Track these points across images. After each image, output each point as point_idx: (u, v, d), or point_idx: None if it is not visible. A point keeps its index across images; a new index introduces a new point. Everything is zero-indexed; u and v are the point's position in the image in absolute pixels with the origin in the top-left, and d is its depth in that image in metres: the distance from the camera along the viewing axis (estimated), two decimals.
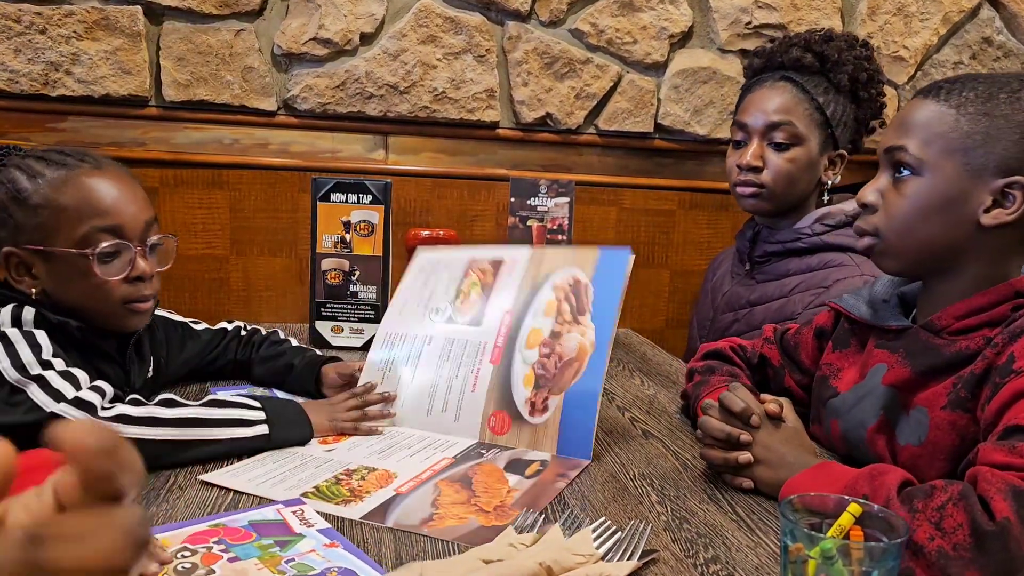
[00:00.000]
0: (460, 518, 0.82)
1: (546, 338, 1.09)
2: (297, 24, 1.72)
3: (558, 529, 0.76)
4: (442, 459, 0.99)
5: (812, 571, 0.60)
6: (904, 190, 0.92)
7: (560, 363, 1.06)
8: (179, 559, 0.70)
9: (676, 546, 0.78)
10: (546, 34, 1.83)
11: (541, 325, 1.10)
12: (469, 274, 1.21)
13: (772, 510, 0.87)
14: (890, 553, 0.61)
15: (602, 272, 1.11)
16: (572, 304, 1.10)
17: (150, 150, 1.71)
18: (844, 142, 1.51)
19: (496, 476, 0.94)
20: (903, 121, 0.93)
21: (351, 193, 1.53)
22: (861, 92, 1.50)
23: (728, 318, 1.54)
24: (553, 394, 1.04)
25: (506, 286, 1.16)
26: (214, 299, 1.77)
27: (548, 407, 1.04)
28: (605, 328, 1.07)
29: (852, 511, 0.64)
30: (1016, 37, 2.04)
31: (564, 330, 1.08)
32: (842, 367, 1.06)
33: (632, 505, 0.87)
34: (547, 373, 1.06)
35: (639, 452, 1.05)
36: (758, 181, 1.47)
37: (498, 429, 1.06)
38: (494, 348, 1.11)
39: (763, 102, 1.48)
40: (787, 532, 0.63)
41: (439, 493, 0.88)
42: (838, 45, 1.48)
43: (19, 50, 1.61)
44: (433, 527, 0.79)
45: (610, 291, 1.09)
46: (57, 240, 1.00)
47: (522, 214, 1.63)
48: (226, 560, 0.70)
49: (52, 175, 1.01)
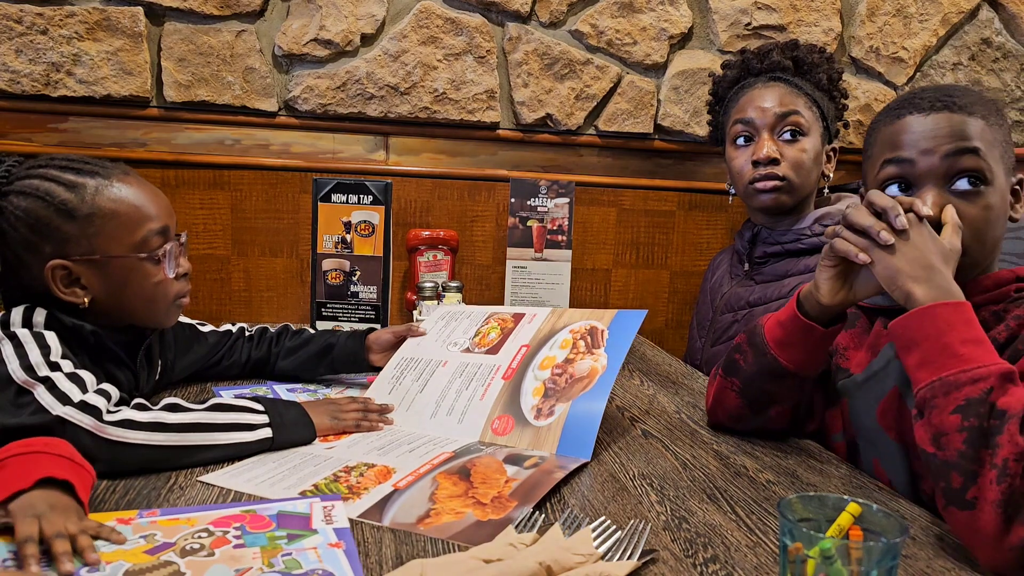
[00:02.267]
0: (456, 512, 0.82)
1: (559, 362, 1.13)
2: (298, 25, 1.72)
3: (558, 528, 0.76)
4: (440, 454, 0.99)
5: (811, 571, 0.60)
6: (981, 201, 0.91)
7: (571, 380, 1.09)
8: (194, 538, 0.72)
9: (675, 546, 0.78)
10: (546, 35, 1.83)
11: (556, 354, 1.14)
12: (490, 321, 1.27)
13: (771, 510, 0.87)
14: (889, 552, 0.61)
15: (618, 323, 1.16)
16: (587, 342, 1.14)
17: (151, 151, 1.71)
18: (834, 138, 1.55)
19: (494, 467, 0.95)
20: (951, 132, 0.92)
21: (352, 194, 1.53)
22: (834, 92, 1.55)
23: (727, 319, 1.55)
24: (560, 403, 1.06)
25: (525, 330, 1.22)
26: (215, 300, 1.77)
27: (554, 412, 1.05)
28: (617, 356, 1.10)
29: (851, 511, 0.64)
30: (1015, 38, 2.04)
31: (577, 358, 1.12)
32: (849, 347, 1.07)
33: (631, 505, 0.88)
34: (556, 387, 1.09)
35: (639, 452, 1.05)
36: (779, 173, 1.45)
37: (501, 431, 1.06)
38: (508, 369, 1.15)
39: (764, 98, 1.49)
40: (786, 532, 0.63)
41: (436, 487, 0.88)
42: (805, 50, 1.54)
43: (20, 51, 1.61)
44: (429, 524, 0.79)
45: (624, 332, 1.14)
46: (113, 247, 1.01)
47: (522, 215, 1.64)
48: (231, 547, 0.71)
49: (93, 184, 1.01)
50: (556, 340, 1.17)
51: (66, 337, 0.98)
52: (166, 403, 0.95)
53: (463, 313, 1.33)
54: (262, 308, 1.79)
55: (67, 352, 0.96)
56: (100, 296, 1.01)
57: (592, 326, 1.16)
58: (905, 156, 0.94)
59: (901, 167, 0.94)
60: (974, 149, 0.91)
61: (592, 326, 1.16)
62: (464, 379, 1.16)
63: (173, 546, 0.71)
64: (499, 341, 1.21)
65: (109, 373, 1.04)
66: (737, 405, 1.08)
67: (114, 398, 0.92)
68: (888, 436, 0.97)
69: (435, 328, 1.31)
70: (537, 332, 1.20)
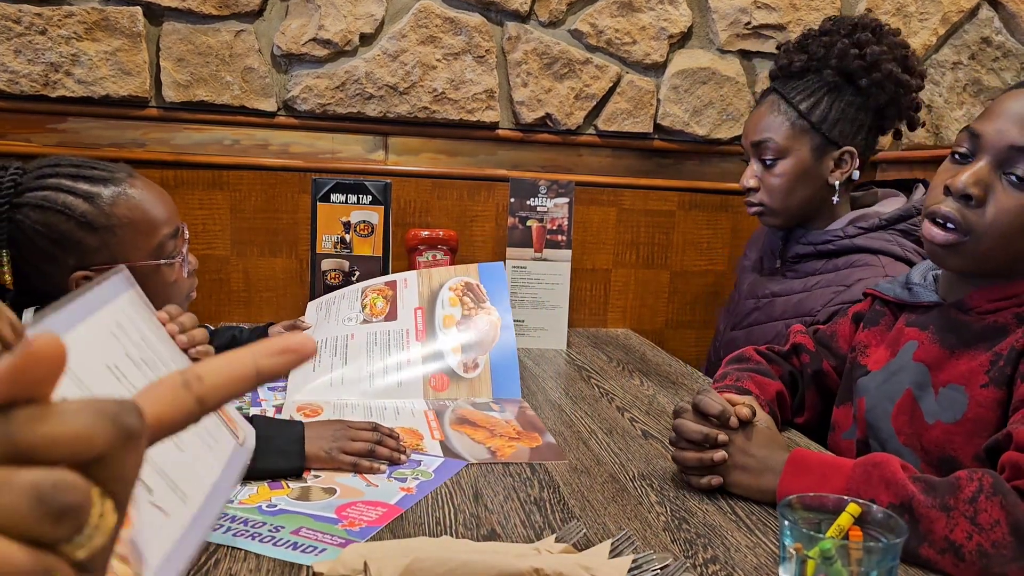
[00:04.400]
0: (509, 446, 1.04)
1: (459, 320, 1.32)
2: (297, 25, 1.72)
3: (606, 546, 0.75)
4: (424, 411, 1.17)
5: (811, 571, 0.60)
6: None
7: (479, 334, 1.31)
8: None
9: (675, 546, 0.78)
10: (546, 34, 1.83)
11: (451, 312, 1.32)
12: (367, 294, 1.38)
13: (771, 510, 0.87)
14: (889, 553, 0.61)
15: (486, 277, 1.37)
16: (471, 297, 1.34)
17: (150, 151, 1.71)
18: (848, 139, 1.45)
19: (480, 417, 1.16)
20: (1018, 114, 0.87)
21: (351, 194, 1.53)
22: (862, 80, 1.43)
23: (750, 304, 1.54)
24: (480, 355, 1.29)
25: (407, 294, 1.36)
26: (214, 300, 1.77)
27: (479, 364, 1.28)
28: (505, 309, 1.33)
29: (851, 511, 0.64)
30: (1015, 37, 2.04)
31: (472, 314, 1.33)
32: (870, 344, 1.07)
33: (631, 506, 0.87)
34: (470, 342, 1.30)
35: (638, 452, 1.05)
36: (756, 200, 1.48)
37: (439, 387, 1.26)
38: (415, 331, 1.31)
39: (751, 122, 1.50)
40: (786, 532, 0.63)
41: (465, 436, 1.07)
42: (828, 39, 1.45)
43: (19, 51, 1.61)
44: (507, 454, 1.02)
45: (498, 285, 1.36)
46: (133, 254, 1.04)
47: (522, 214, 1.64)
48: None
49: (108, 193, 1.03)
50: (443, 299, 1.34)
51: None
52: None
53: (335, 297, 1.42)
54: (261, 308, 1.79)
55: None
56: None
57: (466, 281, 1.36)
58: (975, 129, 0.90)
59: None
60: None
61: (466, 281, 1.36)
62: (381, 347, 1.28)
63: None
64: (390, 308, 1.34)
65: None
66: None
67: None
68: (899, 440, 0.96)
69: (318, 317, 1.40)
70: (419, 295, 1.35)
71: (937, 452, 0.90)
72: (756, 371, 1.12)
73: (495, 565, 0.65)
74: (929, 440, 0.91)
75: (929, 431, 0.92)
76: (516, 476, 0.95)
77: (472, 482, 0.93)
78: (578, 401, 1.28)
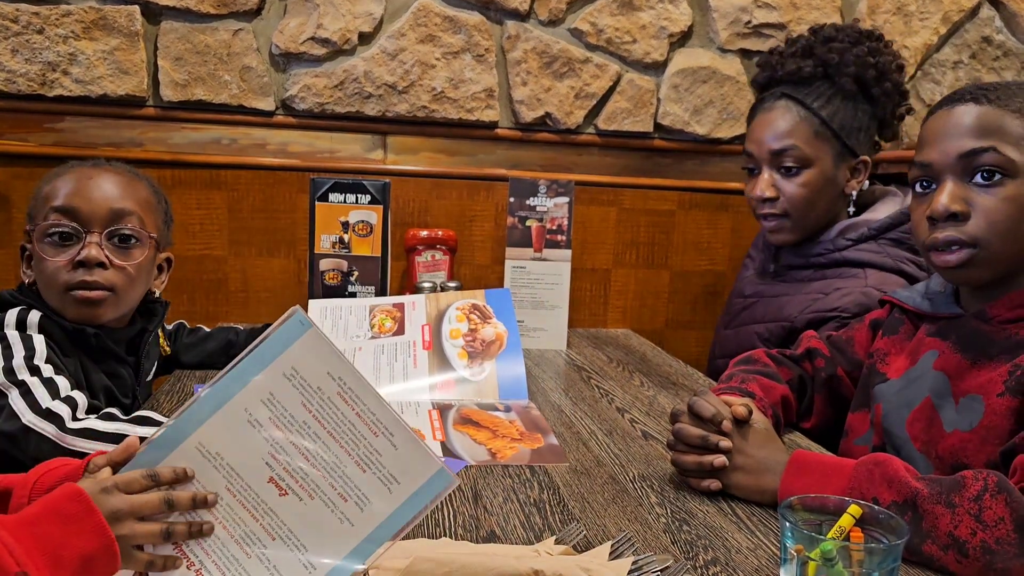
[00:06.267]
0: (511, 448, 1.04)
1: (465, 332, 1.34)
2: (295, 24, 1.71)
3: (606, 548, 0.74)
4: (427, 409, 1.17)
5: (812, 573, 0.60)
6: (1001, 193, 0.89)
7: (484, 343, 1.33)
8: None
9: (676, 548, 0.77)
10: (545, 33, 1.82)
11: (458, 327, 1.35)
12: (376, 314, 1.39)
13: (772, 512, 0.86)
14: (891, 554, 0.60)
15: (492, 299, 1.39)
16: (478, 315, 1.37)
17: (148, 150, 1.70)
18: (864, 148, 1.42)
19: (485, 416, 1.16)
20: (971, 125, 0.90)
21: (349, 193, 1.53)
22: (873, 89, 1.42)
23: (739, 303, 1.54)
24: (486, 362, 1.31)
25: (415, 315, 1.38)
26: (212, 300, 1.77)
27: (485, 369, 1.30)
28: (512, 324, 1.35)
29: (852, 512, 0.63)
30: (1016, 36, 2.04)
31: (479, 327, 1.35)
32: (890, 352, 1.06)
33: (631, 507, 0.87)
34: (476, 351, 1.32)
35: (639, 453, 1.04)
36: (777, 211, 1.41)
37: (445, 390, 1.27)
38: (423, 341, 1.33)
39: (765, 128, 1.41)
40: (787, 533, 0.62)
41: (467, 436, 1.07)
42: (840, 45, 1.41)
43: (16, 50, 1.61)
44: (506, 456, 1.01)
45: (505, 306, 1.38)
46: (33, 227, 1.05)
47: (521, 214, 1.63)
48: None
49: (53, 172, 1.07)
50: (450, 316, 1.36)
51: (68, 338, 1.00)
52: (137, 416, 0.94)
53: (340, 308, 1.40)
54: (259, 309, 1.78)
55: (52, 355, 0.96)
56: (36, 278, 1.08)
57: (472, 303, 1.38)
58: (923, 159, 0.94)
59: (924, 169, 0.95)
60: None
61: (472, 303, 1.38)
62: (388, 355, 1.30)
63: None
64: (398, 327, 1.36)
65: (111, 371, 1.06)
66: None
67: (82, 406, 0.92)
68: (913, 446, 0.96)
69: (323, 326, 1.35)
70: (427, 314, 1.37)
71: (950, 459, 0.90)
72: (762, 374, 1.11)
73: (494, 567, 0.65)
74: (944, 448, 0.91)
75: (946, 439, 0.92)
76: (516, 477, 0.95)
77: (471, 483, 0.92)
78: (578, 402, 1.27)
